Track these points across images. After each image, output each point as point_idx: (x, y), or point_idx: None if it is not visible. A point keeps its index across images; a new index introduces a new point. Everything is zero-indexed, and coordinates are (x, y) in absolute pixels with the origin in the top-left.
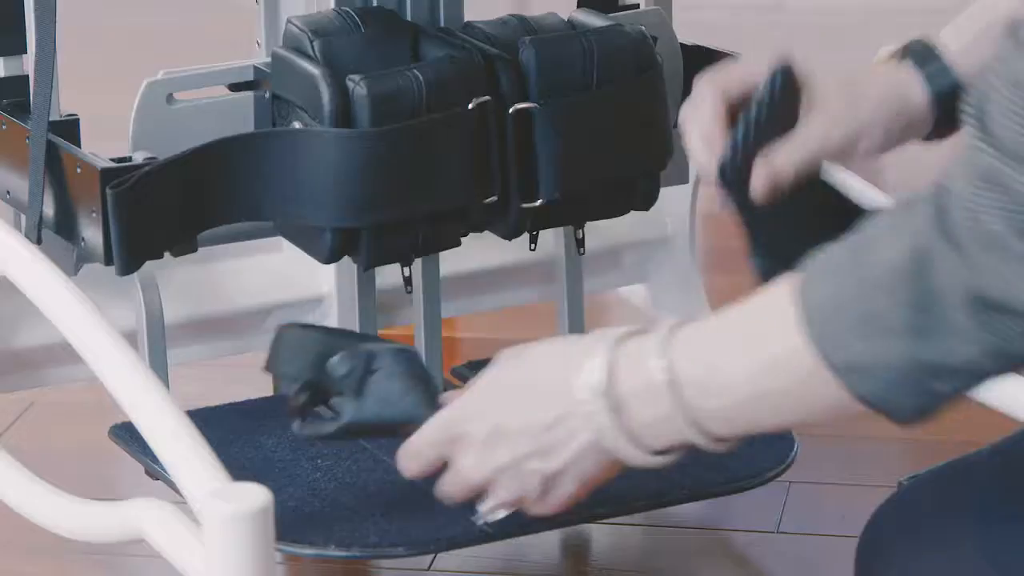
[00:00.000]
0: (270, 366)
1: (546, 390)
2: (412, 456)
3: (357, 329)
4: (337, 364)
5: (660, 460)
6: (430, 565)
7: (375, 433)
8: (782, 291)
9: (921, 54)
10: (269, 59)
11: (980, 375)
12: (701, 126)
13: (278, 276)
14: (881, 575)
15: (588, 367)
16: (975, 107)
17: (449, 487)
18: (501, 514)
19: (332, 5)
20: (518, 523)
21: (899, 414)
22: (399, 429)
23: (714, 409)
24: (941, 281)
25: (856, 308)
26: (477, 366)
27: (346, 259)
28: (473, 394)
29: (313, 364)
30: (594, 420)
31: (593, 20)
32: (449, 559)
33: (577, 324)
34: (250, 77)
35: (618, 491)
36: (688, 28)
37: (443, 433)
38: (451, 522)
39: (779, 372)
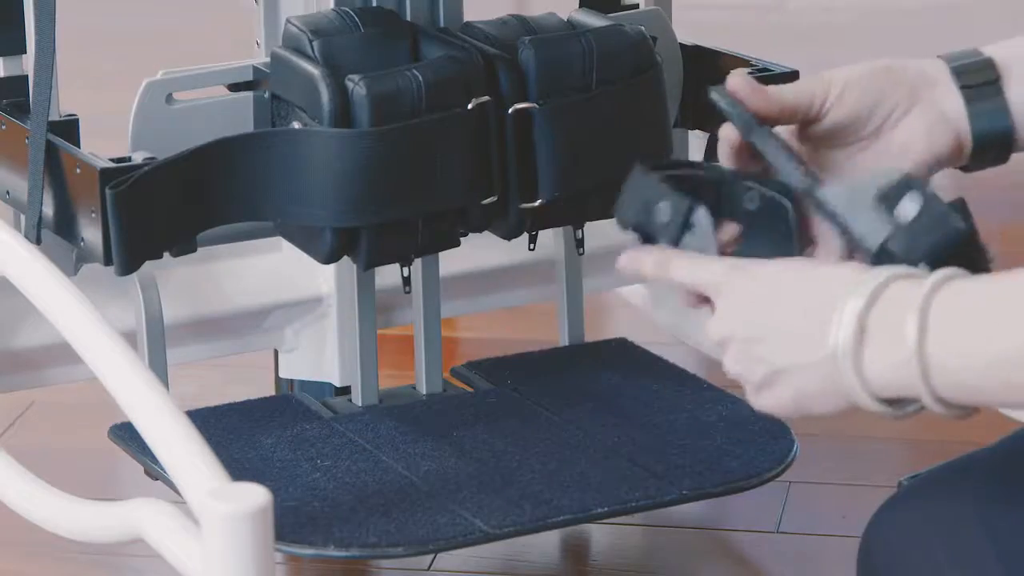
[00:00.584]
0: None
1: (812, 306)
2: (661, 271)
3: (357, 328)
4: (659, 212)
5: (886, 409)
6: (430, 565)
7: None
8: None
9: (974, 75)
10: (268, 59)
11: None
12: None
13: (277, 276)
14: (882, 575)
15: (849, 303)
16: None
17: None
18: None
19: (331, 5)
20: (518, 523)
21: None
22: None
23: (954, 382)
24: None
25: None
26: (477, 366)
27: (345, 259)
28: (749, 268)
29: (641, 209)
30: (839, 350)
31: (593, 20)
32: (449, 559)
33: (577, 324)
34: (249, 77)
35: (618, 492)
36: (688, 28)
37: (721, 278)
38: (451, 522)
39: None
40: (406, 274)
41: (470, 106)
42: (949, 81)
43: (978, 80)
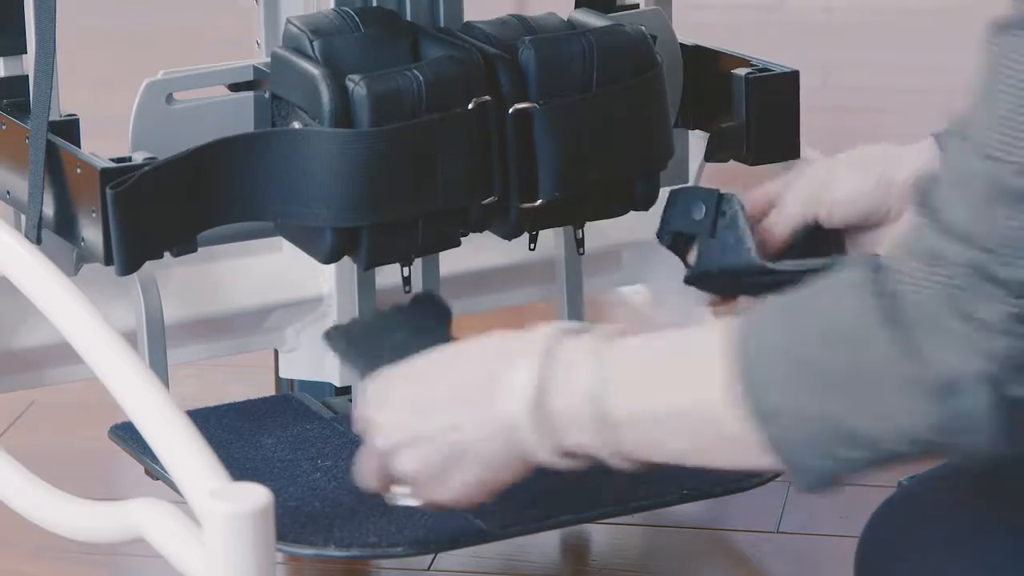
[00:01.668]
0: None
1: (473, 371)
2: (359, 471)
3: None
4: (695, 210)
5: (567, 463)
6: (430, 565)
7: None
8: (716, 331)
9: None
10: (269, 59)
11: (881, 455)
12: None
13: (278, 276)
14: (881, 575)
15: (523, 360)
16: (922, 192)
17: (360, 466)
18: (409, 501)
19: (332, 5)
20: (518, 523)
21: (804, 473)
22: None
23: (631, 414)
24: (872, 354)
25: (787, 357)
26: None
27: (346, 259)
28: (398, 369)
29: (682, 214)
30: (512, 404)
31: (593, 20)
32: (449, 559)
33: None
34: (250, 77)
35: (618, 491)
36: (688, 28)
37: (361, 423)
38: (451, 522)
39: (695, 409)
40: (406, 274)
41: (470, 106)
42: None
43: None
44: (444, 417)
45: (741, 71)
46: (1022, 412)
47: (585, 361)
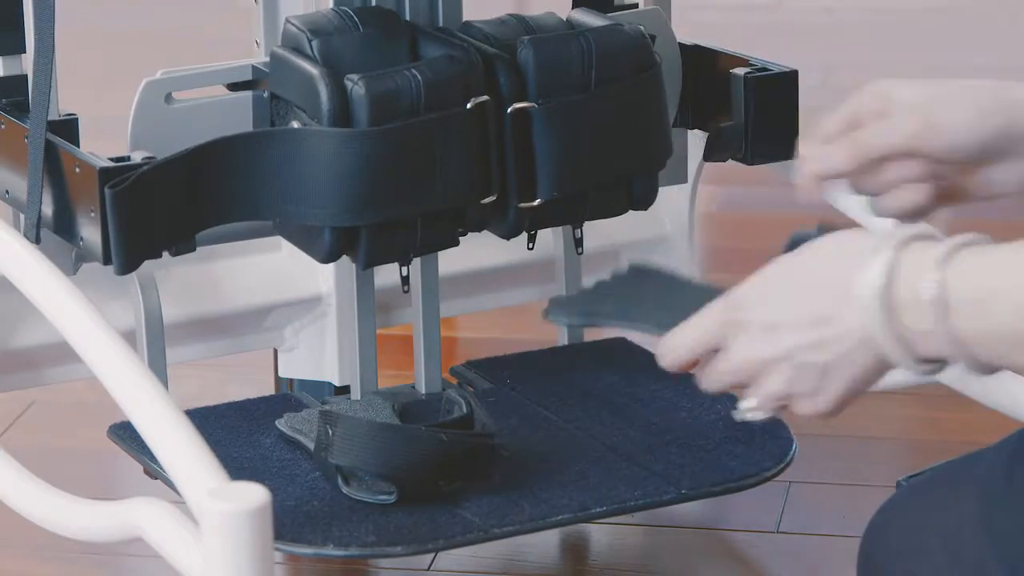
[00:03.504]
0: None
1: (828, 283)
2: (677, 347)
3: (356, 327)
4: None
5: (928, 368)
6: (430, 565)
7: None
8: None
9: None
10: (268, 59)
11: None
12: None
13: (277, 275)
14: (883, 575)
15: (871, 265)
16: None
17: (716, 375)
18: (760, 415)
19: (331, 5)
20: (517, 522)
21: None
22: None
23: (977, 334)
24: None
25: None
26: (476, 366)
27: (345, 258)
28: (755, 282)
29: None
30: (868, 316)
31: (592, 20)
32: (449, 559)
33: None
34: (249, 77)
35: (618, 491)
36: (688, 28)
37: (720, 317)
38: (450, 521)
39: None
40: (405, 273)
41: (469, 106)
42: None
43: None
44: (807, 334)
45: (740, 71)
46: None
47: (929, 277)
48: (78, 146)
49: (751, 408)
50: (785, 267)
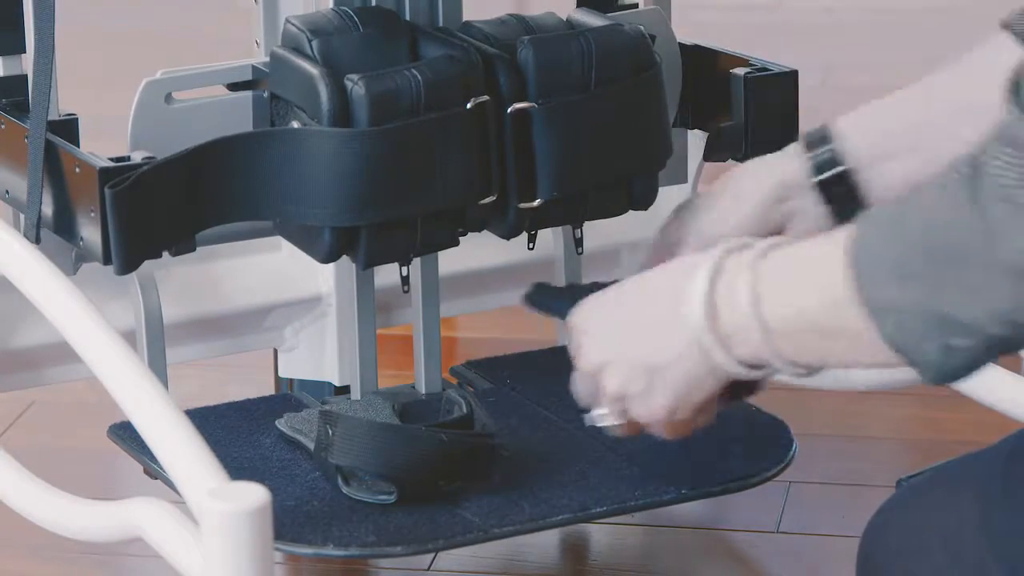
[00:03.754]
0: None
1: (663, 291)
2: (574, 389)
3: (356, 327)
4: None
5: (754, 373)
6: (430, 565)
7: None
8: (840, 235)
9: (814, 140)
10: (268, 59)
11: (988, 339)
12: None
13: (277, 275)
14: (883, 575)
15: (699, 272)
16: (1014, 86)
17: (575, 383)
18: (610, 421)
19: (331, 5)
20: (517, 522)
21: (924, 365)
22: None
23: (786, 324)
24: (960, 236)
25: (891, 253)
26: (476, 366)
27: (344, 258)
28: (606, 294)
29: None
30: (695, 319)
31: (592, 20)
32: (449, 559)
33: None
34: (249, 77)
35: (618, 491)
36: (688, 28)
37: (575, 327)
38: (450, 521)
39: (828, 311)
40: (405, 273)
41: (469, 106)
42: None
43: (814, 135)
44: (641, 337)
45: (740, 71)
46: None
47: (744, 276)
48: (78, 146)
49: (601, 414)
50: (631, 281)
